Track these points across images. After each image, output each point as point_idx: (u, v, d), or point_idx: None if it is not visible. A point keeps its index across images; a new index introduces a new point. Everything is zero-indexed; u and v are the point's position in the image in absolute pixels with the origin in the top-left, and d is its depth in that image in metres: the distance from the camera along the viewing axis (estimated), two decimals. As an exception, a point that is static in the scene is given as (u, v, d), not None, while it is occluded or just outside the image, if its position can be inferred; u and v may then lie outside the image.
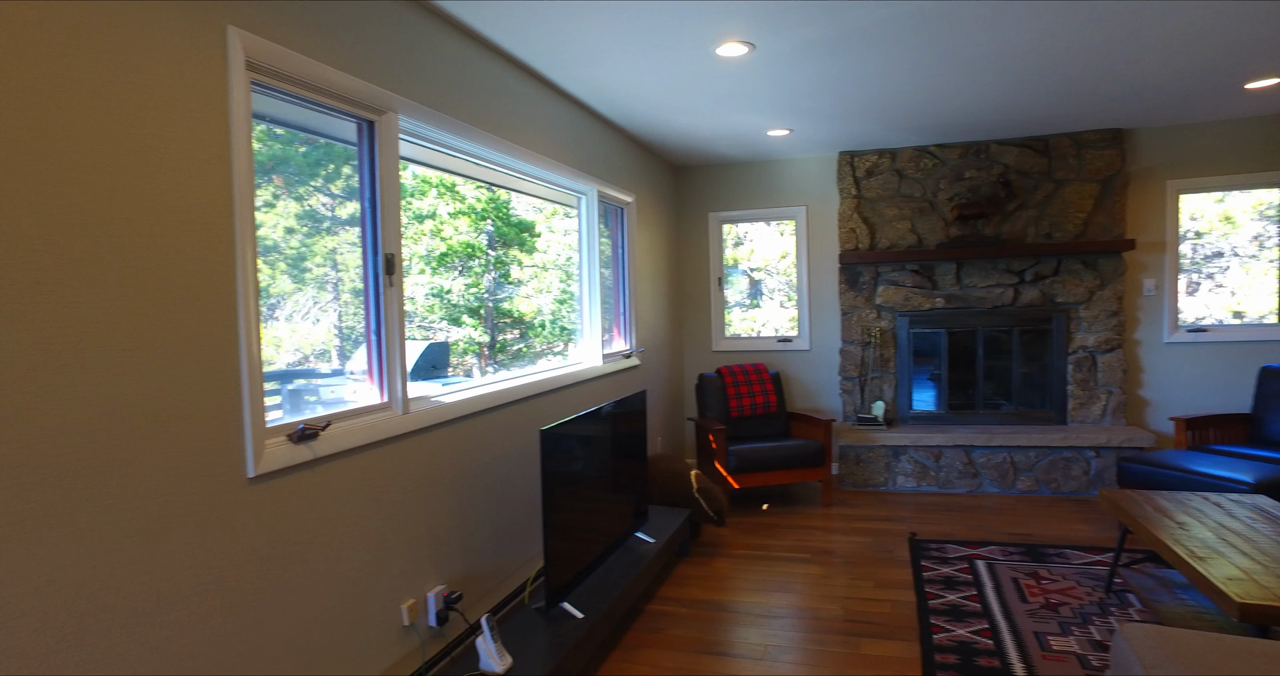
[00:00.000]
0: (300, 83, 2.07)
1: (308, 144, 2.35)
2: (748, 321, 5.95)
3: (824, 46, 3.22)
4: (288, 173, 2.29)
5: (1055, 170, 5.11)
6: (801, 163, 5.64)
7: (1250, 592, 2.23)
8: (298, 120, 2.25)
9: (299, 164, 2.35)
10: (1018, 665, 2.71)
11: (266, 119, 2.12)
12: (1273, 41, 3.34)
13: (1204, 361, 5.05)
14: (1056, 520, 4.38)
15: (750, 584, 3.58)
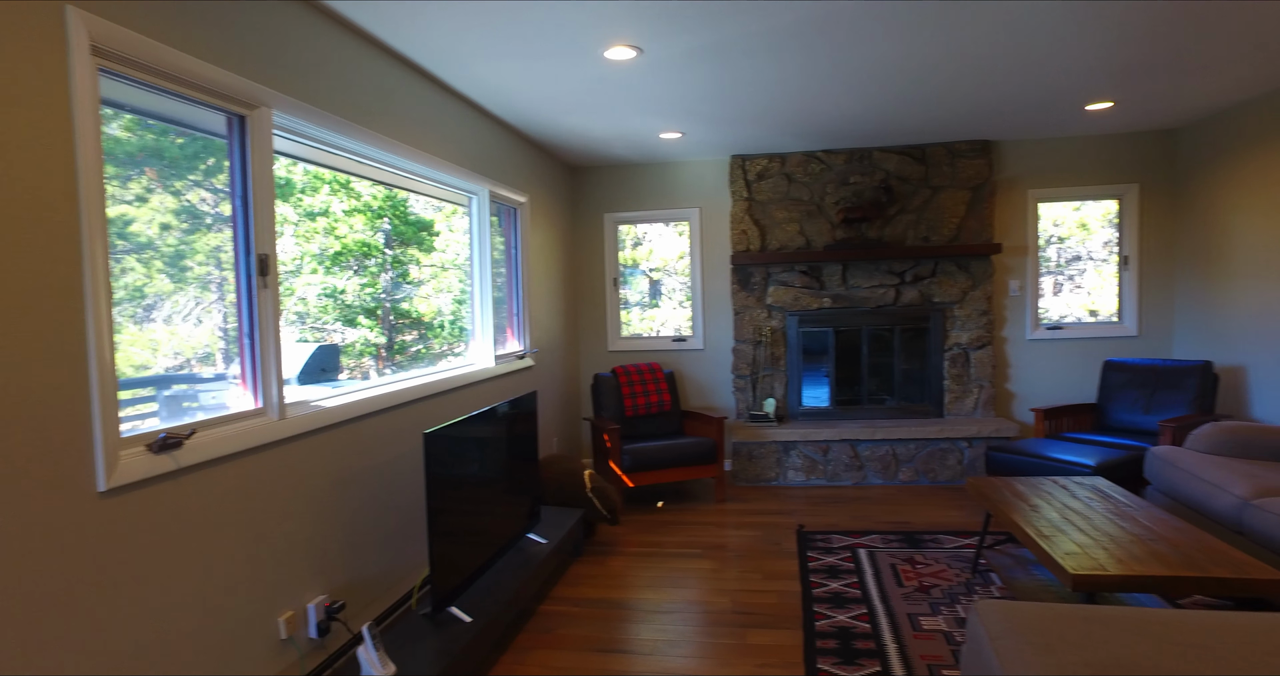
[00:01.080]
0: (158, 72, 1.96)
1: (185, 136, 2.23)
2: (647, 321, 6.03)
3: (711, 53, 3.30)
4: (161, 165, 2.17)
5: (932, 177, 5.41)
6: (695, 165, 5.76)
7: (1082, 565, 2.44)
8: (167, 112, 2.14)
9: (175, 157, 2.23)
10: (891, 646, 2.86)
11: (128, 108, 2.00)
12: (1104, 71, 3.65)
13: (1060, 356, 5.46)
14: (933, 508, 4.64)
15: (643, 581, 3.64)
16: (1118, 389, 4.89)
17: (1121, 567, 2.45)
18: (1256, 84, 4.06)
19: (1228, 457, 3.65)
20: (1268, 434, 3.71)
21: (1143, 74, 3.79)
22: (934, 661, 2.73)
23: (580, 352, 6.00)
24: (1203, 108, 4.60)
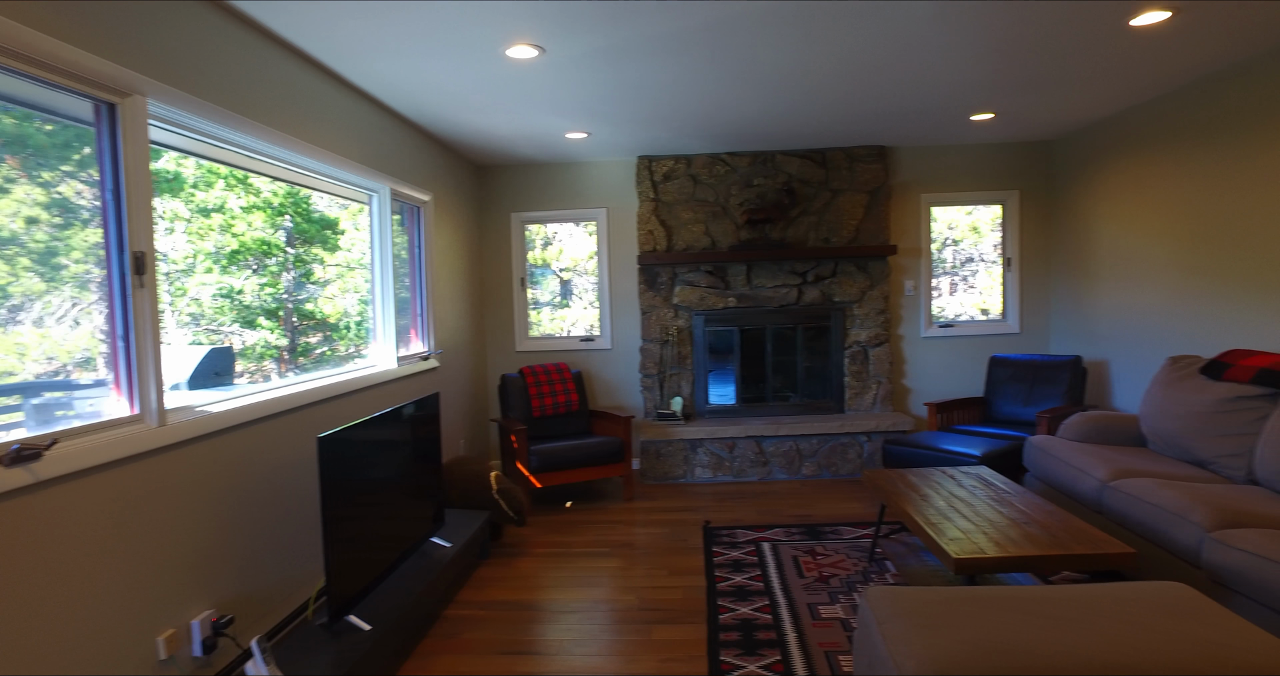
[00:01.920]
0: (12, 52, 1.83)
1: (55, 123, 2.08)
2: (558, 321, 6.00)
3: (614, 54, 3.32)
4: (25, 154, 2.02)
5: (832, 180, 5.60)
6: (601, 165, 5.78)
7: (965, 549, 2.58)
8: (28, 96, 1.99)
9: (42, 145, 2.08)
10: (791, 635, 2.95)
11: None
12: (984, 84, 3.87)
13: (951, 353, 5.75)
14: (834, 500, 4.81)
15: (551, 581, 3.62)
16: (1002, 383, 5.19)
17: (999, 550, 2.60)
18: (1118, 101, 4.39)
19: (1092, 444, 3.93)
20: (1124, 422, 4.02)
21: (1018, 89, 4.04)
22: (831, 648, 2.83)
23: (488, 353, 5.92)
24: (1073, 121, 4.93)
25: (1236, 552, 2.55)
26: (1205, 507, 2.82)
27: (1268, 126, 3.60)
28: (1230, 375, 3.50)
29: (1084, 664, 1.74)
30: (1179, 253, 4.28)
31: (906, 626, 1.95)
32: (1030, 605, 2.03)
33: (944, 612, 2.00)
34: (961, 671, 1.75)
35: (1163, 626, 1.90)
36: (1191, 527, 2.81)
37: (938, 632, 1.89)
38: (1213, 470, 3.46)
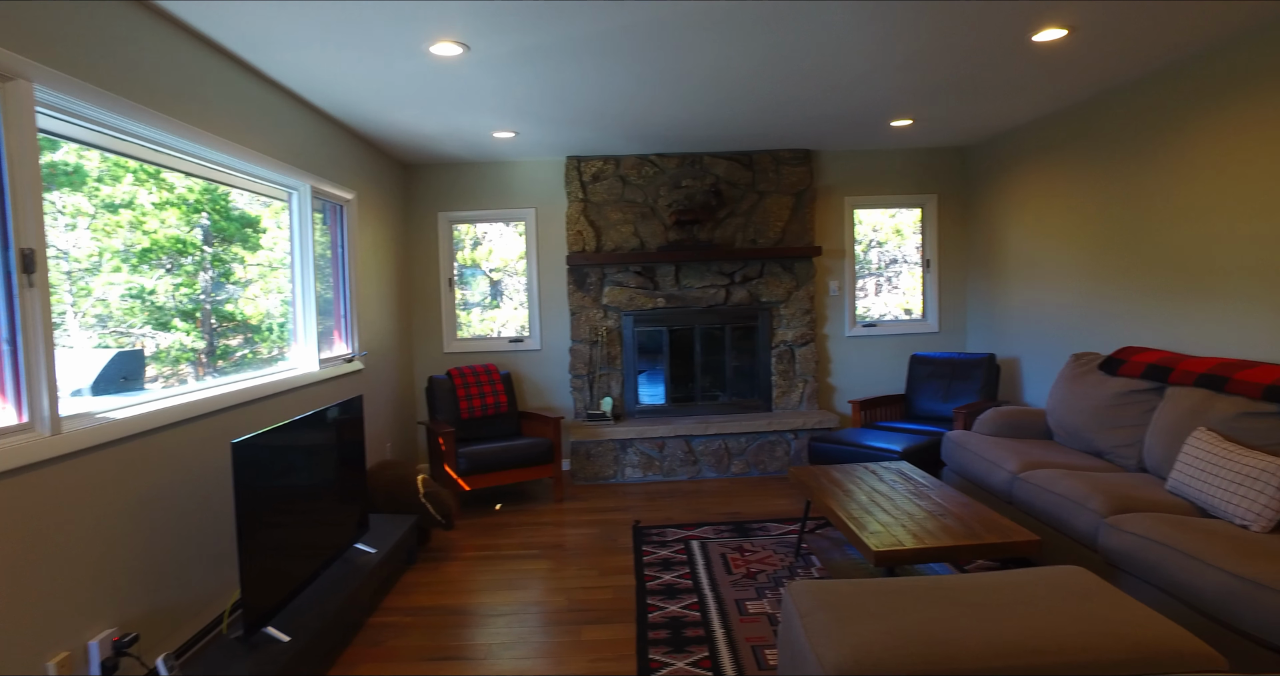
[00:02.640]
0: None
1: None
2: (488, 322, 5.93)
3: (540, 53, 3.30)
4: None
5: (758, 182, 5.70)
6: (530, 165, 5.73)
7: (884, 542, 2.66)
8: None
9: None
10: (719, 632, 2.98)
11: None
12: (902, 91, 4.00)
13: (875, 351, 5.93)
14: (762, 498, 4.89)
15: (479, 585, 3.58)
16: (922, 380, 5.38)
17: (916, 542, 2.70)
18: (1027, 111, 4.60)
19: (1004, 438, 4.11)
20: (1033, 416, 4.22)
21: (934, 96, 4.19)
22: (758, 642, 2.88)
23: (415, 355, 5.80)
24: (987, 128, 5.15)
25: (1127, 536, 2.71)
26: (1101, 495, 2.99)
27: (1159, 140, 3.83)
28: (1124, 371, 3.71)
29: (990, 646, 1.82)
30: (1081, 255, 4.51)
31: (827, 618, 2.00)
32: (943, 593, 2.11)
33: (862, 604, 2.06)
34: (878, 659, 1.80)
35: (1061, 607, 2.00)
36: (1089, 514, 2.97)
37: (856, 623, 1.95)
38: (1109, 460, 3.66)
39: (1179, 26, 3.18)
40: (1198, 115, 3.59)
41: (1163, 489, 3.13)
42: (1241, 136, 3.35)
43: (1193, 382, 3.32)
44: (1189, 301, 3.69)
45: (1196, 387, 3.28)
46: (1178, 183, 3.73)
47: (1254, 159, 3.29)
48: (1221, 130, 3.45)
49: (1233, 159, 3.40)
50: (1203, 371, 3.28)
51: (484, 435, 5.18)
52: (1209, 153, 3.53)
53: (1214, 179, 3.51)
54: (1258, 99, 3.25)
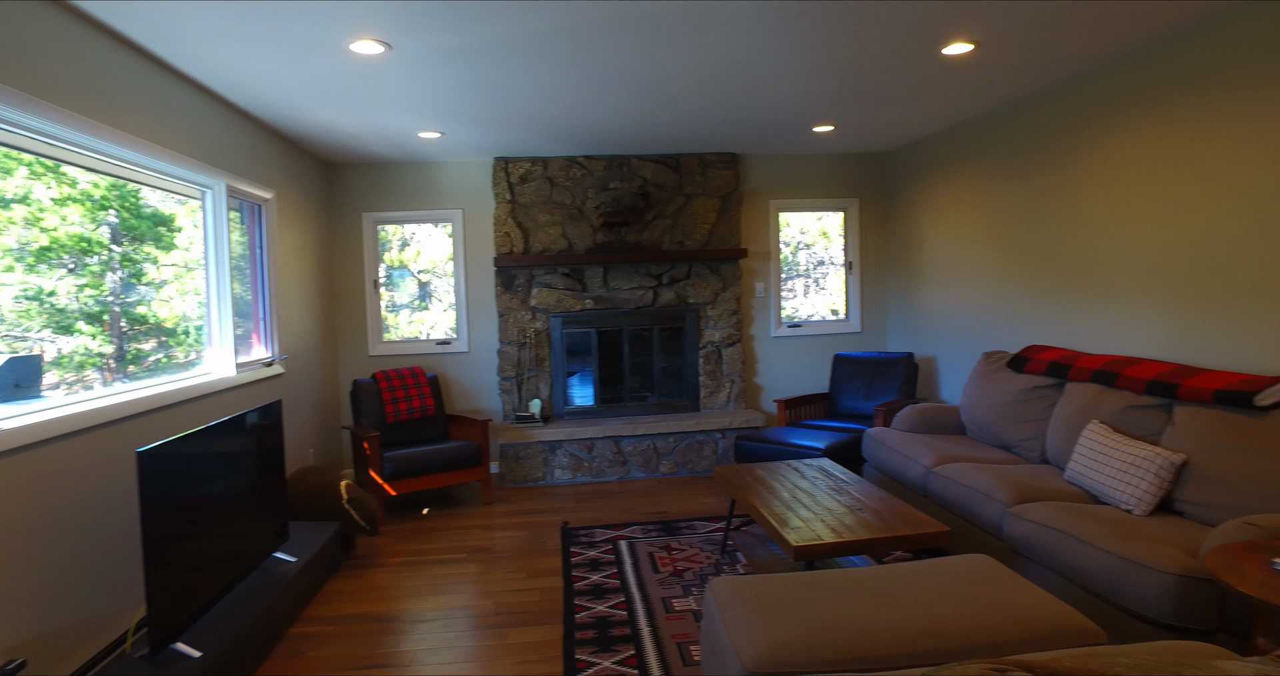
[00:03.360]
0: None
1: None
2: (416, 324, 5.83)
3: (464, 53, 3.28)
4: None
5: (686, 185, 5.77)
6: (457, 166, 5.68)
7: (804, 537, 2.75)
8: None
9: None
10: (646, 630, 3.02)
11: None
12: (823, 98, 4.13)
13: (800, 351, 6.08)
14: (690, 497, 4.96)
15: (405, 591, 3.53)
16: (845, 379, 5.54)
17: (835, 536, 2.79)
18: (942, 119, 4.80)
19: (920, 434, 4.28)
20: (948, 412, 4.41)
21: (854, 104, 4.33)
22: (684, 639, 2.93)
23: (339, 358, 5.67)
24: (905, 136, 5.35)
25: (1028, 524, 2.87)
26: (1007, 486, 3.15)
27: (1060, 149, 4.06)
28: (1029, 368, 3.92)
29: (898, 633, 1.91)
30: (992, 258, 4.74)
31: (746, 612, 2.06)
32: (856, 585, 2.20)
33: (781, 597, 2.12)
34: (793, 651, 1.87)
35: (965, 593, 2.11)
36: (996, 505, 3.13)
37: (774, 616, 2.01)
38: (1016, 452, 3.85)
39: (1076, 45, 3.38)
40: (1094, 127, 3.81)
41: (1061, 478, 3.32)
42: (1132, 147, 3.57)
43: (1088, 378, 3.52)
44: (1087, 301, 3.92)
45: (1091, 383, 3.49)
46: (1076, 190, 3.96)
47: (1142, 169, 3.52)
48: (1114, 141, 3.68)
49: (1124, 168, 3.63)
50: (1097, 368, 3.49)
51: (410, 439, 5.10)
52: (1104, 162, 3.76)
53: (1107, 187, 3.74)
54: (1146, 113, 3.48)
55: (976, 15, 2.98)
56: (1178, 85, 3.29)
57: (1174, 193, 3.35)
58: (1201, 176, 3.20)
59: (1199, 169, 3.21)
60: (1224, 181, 3.10)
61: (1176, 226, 3.34)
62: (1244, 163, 3.00)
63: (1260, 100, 2.91)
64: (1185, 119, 3.26)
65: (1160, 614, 2.27)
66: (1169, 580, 2.25)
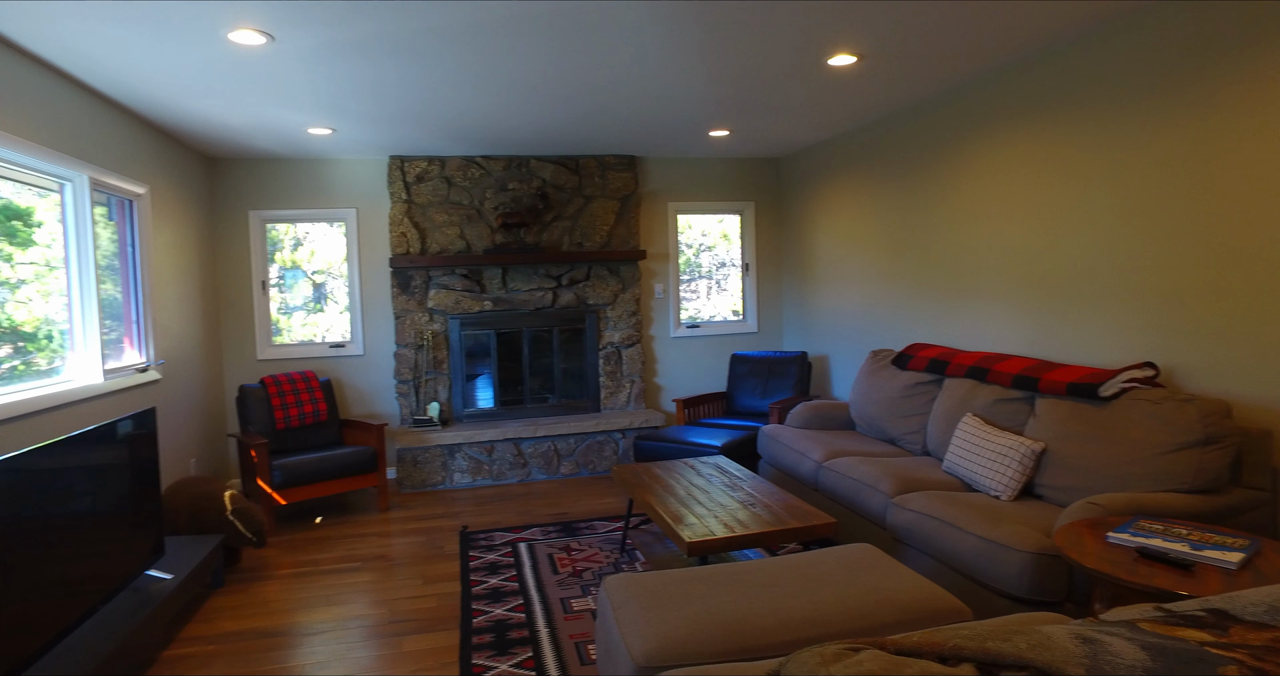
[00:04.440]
0: None
1: None
2: (311, 327, 5.61)
3: (354, 49, 3.19)
4: None
5: (585, 187, 5.80)
6: (351, 164, 5.51)
7: (697, 533, 2.82)
8: None
9: None
10: (544, 631, 3.03)
11: None
12: (717, 104, 4.23)
13: (699, 351, 6.20)
14: (591, 497, 4.98)
15: (295, 603, 3.40)
16: (742, 378, 5.69)
17: (727, 531, 2.87)
18: (831, 126, 5.00)
19: (812, 430, 4.45)
20: (838, 409, 4.61)
21: (747, 110, 4.46)
22: (582, 639, 2.95)
23: (225, 363, 5.40)
24: (797, 141, 5.54)
25: (908, 513, 3.04)
26: (890, 478, 3.32)
27: (937, 157, 4.31)
28: (912, 365, 4.14)
29: (782, 622, 1.99)
30: (878, 260, 4.97)
31: (638, 609, 2.09)
32: (745, 577, 2.27)
33: (672, 593, 2.17)
34: (683, 644, 1.92)
35: (846, 581, 2.21)
36: (880, 496, 3.29)
37: (664, 611, 2.06)
38: (901, 446, 4.06)
39: (950, 62, 3.59)
40: (966, 138, 4.06)
41: (940, 469, 3.53)
42: (998, 158, 3.83)
43: (963, 374, 3.75)
44: (963, 301, 4.18)
45: (966, 379, 3.72)
46: (952, 197, 4.21)
47: (1007, 178, 3.78)
48: (984, 151, 3.94)
49: (992, 177, 3.89)
50: (971, 364, 3.72)
51: (302, 445, 4.91)
52: (975, 171, 4.01)
53: (979, 194, 3.99)
54: (1012, 124, 3.74)
55: (858, 29, 3.13)
56: (1038, 103, 3.56)
57: (1034, 202, 3.61)
58: (1056, 188, 3.47)
59: (1054, 180, 3.48)
60: (1075, 193, 3.37)
61: (1037, 233, 3.61)
62: (1091, 177, 3.27)
63: (1105, 121, 3.18)
64: (1043, 134, 3.53)
65: (1019, 589, 2.45)
66: (1026, 558, 2.44)
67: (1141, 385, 2.90)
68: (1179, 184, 2.90)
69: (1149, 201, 3.03)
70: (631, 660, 1.90)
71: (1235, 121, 2.67)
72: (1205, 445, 2.56)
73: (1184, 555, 2.03)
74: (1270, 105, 2.55)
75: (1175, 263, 2.93)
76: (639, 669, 1.87)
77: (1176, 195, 2.91)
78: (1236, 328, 2.72)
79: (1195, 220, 2.84)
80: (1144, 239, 3.06)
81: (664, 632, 1.95)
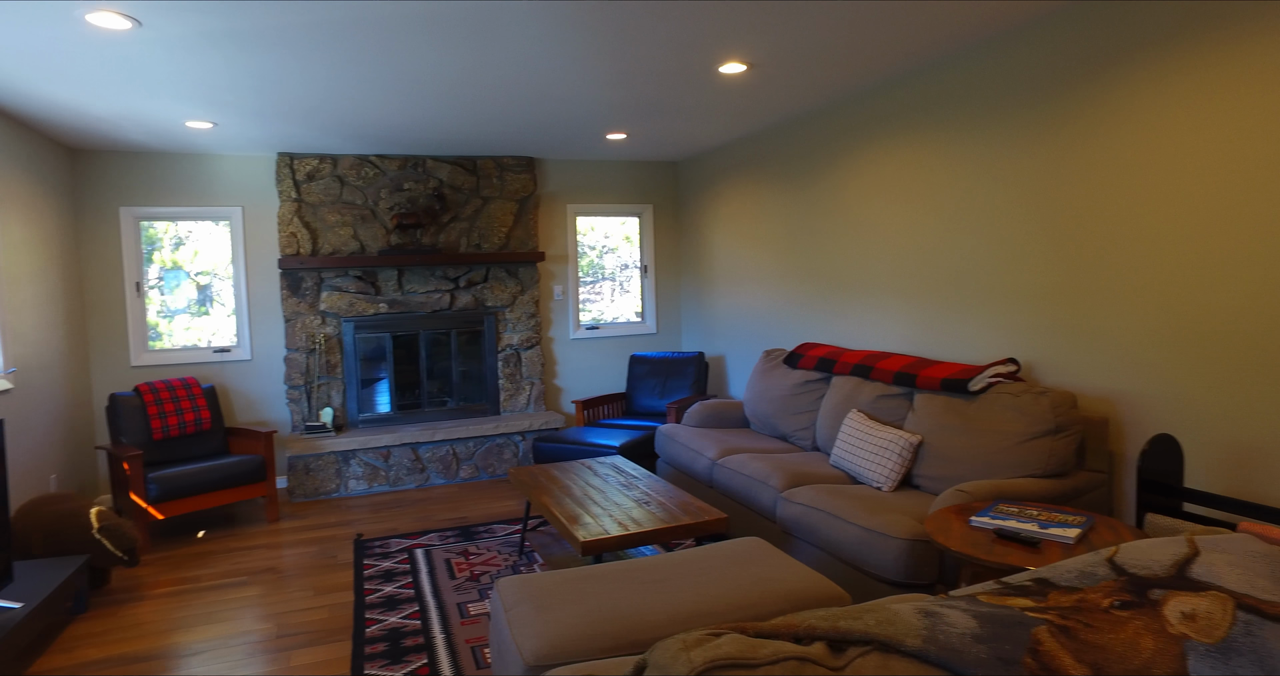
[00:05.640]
0: None
1: None
2: (195, 331, 5.31)
3: (230, 39, 3.05)
4: None
5: (483, 188, 5.74)
6: (236, 160, 5.26)
7: (591, 533, 2.85)
8: None
9: None
10: (439, 637, 2.99)
11: None
12: (613, 107, 4.28)
13: (599, 353, 6.24)
14: (491, 501, 4.94)
15: (171, 624, 3.23)
16: (641, 378, 5.77)
17: (621, 530, 2.91)
18: (726, 132, 5.14)
19: (708, 428, 4.56)
20: (733, 407, 4.74)
21: (643, 114, 4.53)
22: (478, 643, 2.93)
23: (92, 370, 5.05)
24: (694, 146, 5.66)
25: (796, 506, 3.17)
26: (780, 473, 3.45)
27: (826, 163, 4.50)
28: (802, 364, 4.30)
29: (670, 616, 2.04)
30: (772, 262, 5.14)
31: (529, 609, 2.10)
32: (636, 574, 2.31)
33: (563, 592, 2.19)
34: (573, 641, 1.94)
35: (734, 574, 2.29)
36: (770, 491, 3.42)
37: (555, 611, 2.07)
38: (792, 442, 4.22)
39: (836, 74, 3.76)
40: (852, 146, 4.26)
41: (828, 463, 3.69)
42: (881, 166, 4.04)
43: (849, 372, 3.93)
44: (851, 301, 4.38)
45: (852, 376, 3.90)
46: (839, 201, 4.40)
47: (889, 184, 3.99)
48: (868, 159, 4.14)
49: (875, 184, 4.09)
50: (856, 362, 3.91)
51: (182, 456, 4.66)
52: (860, 178, 4.21)
53: (863, 200, 4.20)
54: (892, 135, 3.95)
55: (746, 40, 3.23)
56: (915, 116, 3.77)
57: (912, 208, 3.83)
58: (931, 196, 3.69)
59: (928, 190, 3.70)
60: (948, 202, 3.59)
61: (917, 238, 3.82)
62: (960, 187, 3.50)
63: (971, 135, 3.41)
64: (919, 145, 3.75)
65: (896, 574, 2.60)
66: (901, 544, 2.59)
67: (1005, 380, 3.12)
68: (1032, 196, 3.14)
69: (1008, 211, 3.26)
70: (521, 660, 1.91)
71: (1078, 142, 2.92)
72: (1056, 433, 2.79)
73: (1032, 534, 2.21)
74: (1106, 130, 2.81)
75: (1031, 267, 3.18)
76: (528, 668, 1.88)
77: (1030, 206, 3.15)
78: (1079, 326, 2.97)
79: (1044, 229, 3.09)
80: (1006, 245, 3.30)
81: (554, 631, 1.97)
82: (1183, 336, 2.61)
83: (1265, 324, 2.36)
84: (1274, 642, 0.98)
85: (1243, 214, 2.40)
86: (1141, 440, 2.78)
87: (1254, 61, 2.35)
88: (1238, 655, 0.97)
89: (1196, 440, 2.59)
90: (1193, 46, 2.52)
